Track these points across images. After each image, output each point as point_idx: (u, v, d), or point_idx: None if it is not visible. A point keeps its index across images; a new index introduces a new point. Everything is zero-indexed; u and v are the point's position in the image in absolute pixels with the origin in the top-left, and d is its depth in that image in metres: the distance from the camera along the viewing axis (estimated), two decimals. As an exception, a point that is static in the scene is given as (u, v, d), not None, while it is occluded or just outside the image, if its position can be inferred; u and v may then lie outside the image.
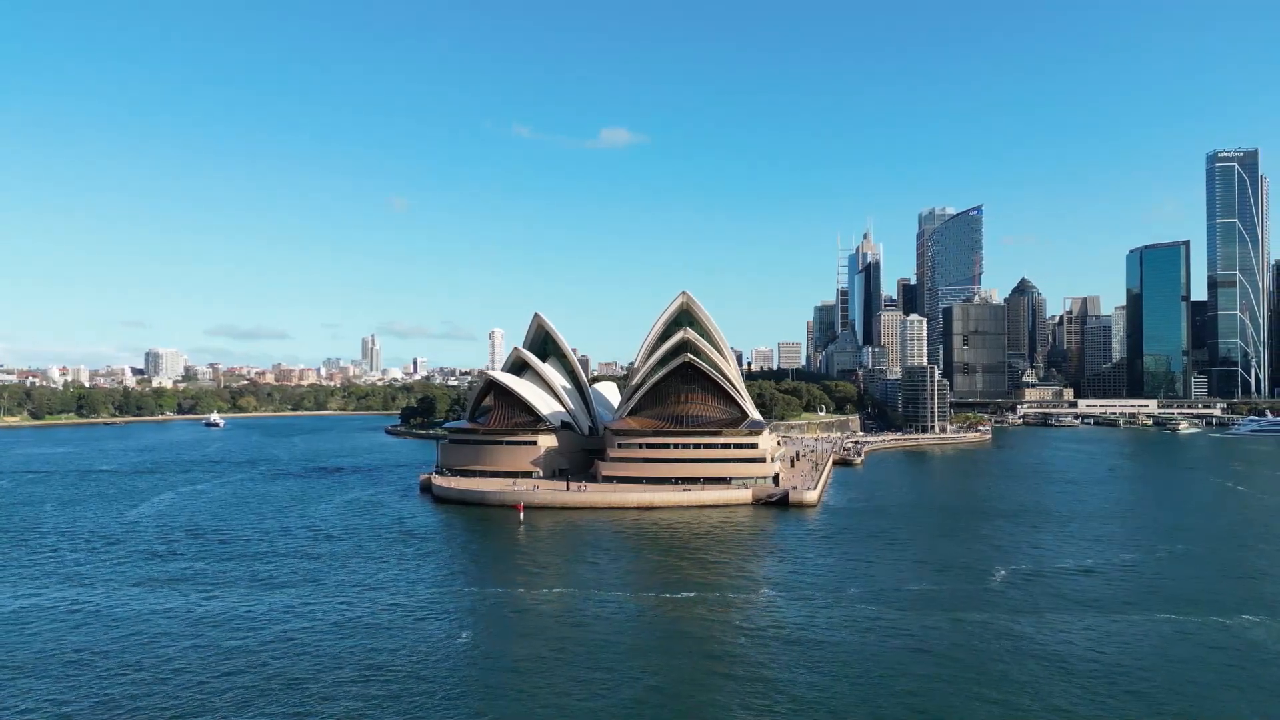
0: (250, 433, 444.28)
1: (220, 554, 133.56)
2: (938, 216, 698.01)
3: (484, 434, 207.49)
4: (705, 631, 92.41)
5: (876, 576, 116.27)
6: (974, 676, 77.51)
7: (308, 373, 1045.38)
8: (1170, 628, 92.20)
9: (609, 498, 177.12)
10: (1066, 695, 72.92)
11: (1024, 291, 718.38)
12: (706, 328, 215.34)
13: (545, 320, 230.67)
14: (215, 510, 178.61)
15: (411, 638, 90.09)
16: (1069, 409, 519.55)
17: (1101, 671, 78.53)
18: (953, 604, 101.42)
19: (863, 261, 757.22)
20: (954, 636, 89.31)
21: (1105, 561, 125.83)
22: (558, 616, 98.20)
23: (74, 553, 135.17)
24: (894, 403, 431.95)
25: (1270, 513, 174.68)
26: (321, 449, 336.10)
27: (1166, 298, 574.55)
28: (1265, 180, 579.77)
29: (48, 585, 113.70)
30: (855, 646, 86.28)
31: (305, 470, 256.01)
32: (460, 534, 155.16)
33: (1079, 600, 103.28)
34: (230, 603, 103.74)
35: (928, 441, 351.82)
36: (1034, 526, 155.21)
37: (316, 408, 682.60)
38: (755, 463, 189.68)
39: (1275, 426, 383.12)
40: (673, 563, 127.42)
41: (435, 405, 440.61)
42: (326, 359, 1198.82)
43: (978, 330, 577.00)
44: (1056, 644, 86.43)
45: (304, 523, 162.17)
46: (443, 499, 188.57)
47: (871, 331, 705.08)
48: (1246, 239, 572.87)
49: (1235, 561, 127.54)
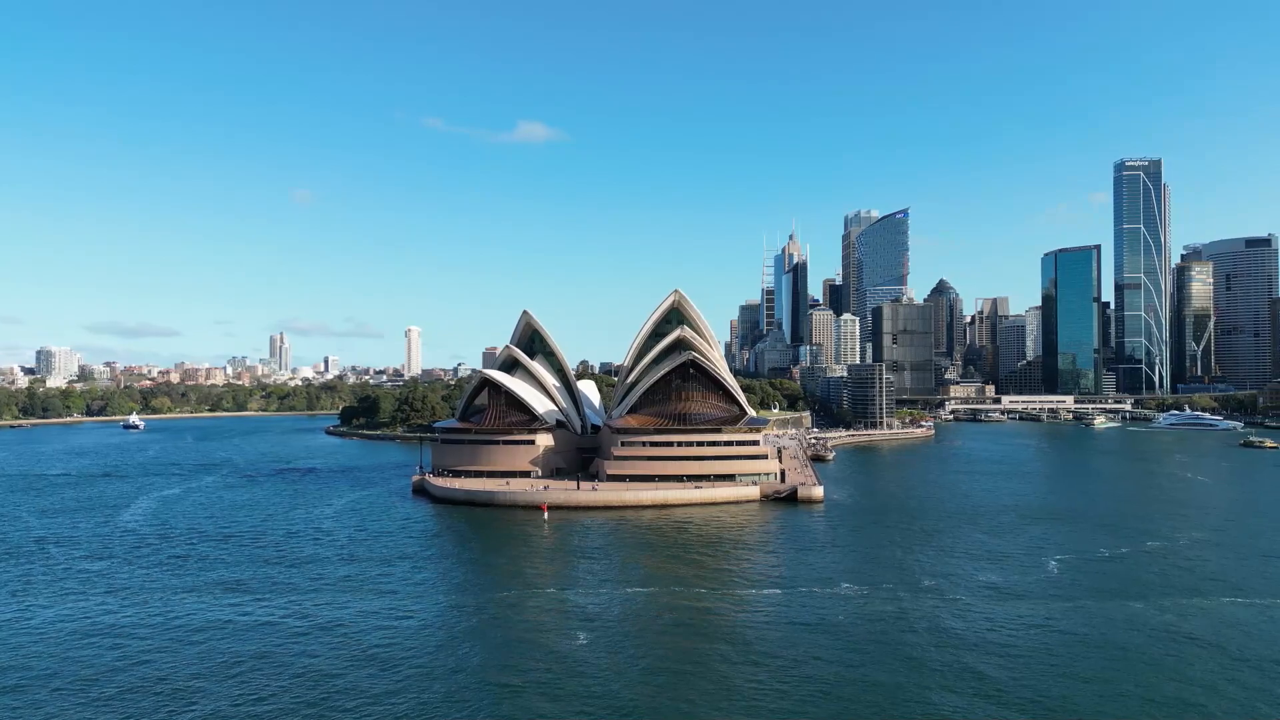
0: (178, 435, 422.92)
1: (256, 558, 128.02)
2: (864, 219, 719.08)
3: (480, 434, 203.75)
4: (785, 628, 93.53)
5: (936, 567, 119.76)
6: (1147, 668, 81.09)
7: (214, 372, 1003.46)
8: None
9: (623, 496, 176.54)
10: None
11: (942, 292, 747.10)
12: (699, 326, 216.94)
13: (533, 318, 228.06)
14: (214, 514, 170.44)
15: (502, 641, 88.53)
16: (994, 405, 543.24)
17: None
18: (1053, 591, 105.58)
19: (789, 262, 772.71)
20: (1089, 626, 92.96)
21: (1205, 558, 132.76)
22: (626, 616, 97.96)
23: (97, 561, 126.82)
24: (837, 400, 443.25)
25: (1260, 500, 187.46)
26: (274, 451, 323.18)
27: (1079, 299, 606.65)
28: (1168, 189, 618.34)
29: (87, 596, 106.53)
30: (981, 638, 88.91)
31: (274, 473, 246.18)
32: (482, 537, 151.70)
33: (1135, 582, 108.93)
34: (303, 608, 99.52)
35: (879, 437, 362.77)
36: (1044, 520, 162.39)
37: (236, 408, 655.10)
38: (759, 459, 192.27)
39: (1192, 420, 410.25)
40: (715, 561, 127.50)
41: (379, 405, 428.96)
42: (232, 358, 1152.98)
43: (906, 329, 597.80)
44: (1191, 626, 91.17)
45: (314, 526, 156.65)
46: (444, 500, 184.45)
47: (800, 330, 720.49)
48: (1151, 244, 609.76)
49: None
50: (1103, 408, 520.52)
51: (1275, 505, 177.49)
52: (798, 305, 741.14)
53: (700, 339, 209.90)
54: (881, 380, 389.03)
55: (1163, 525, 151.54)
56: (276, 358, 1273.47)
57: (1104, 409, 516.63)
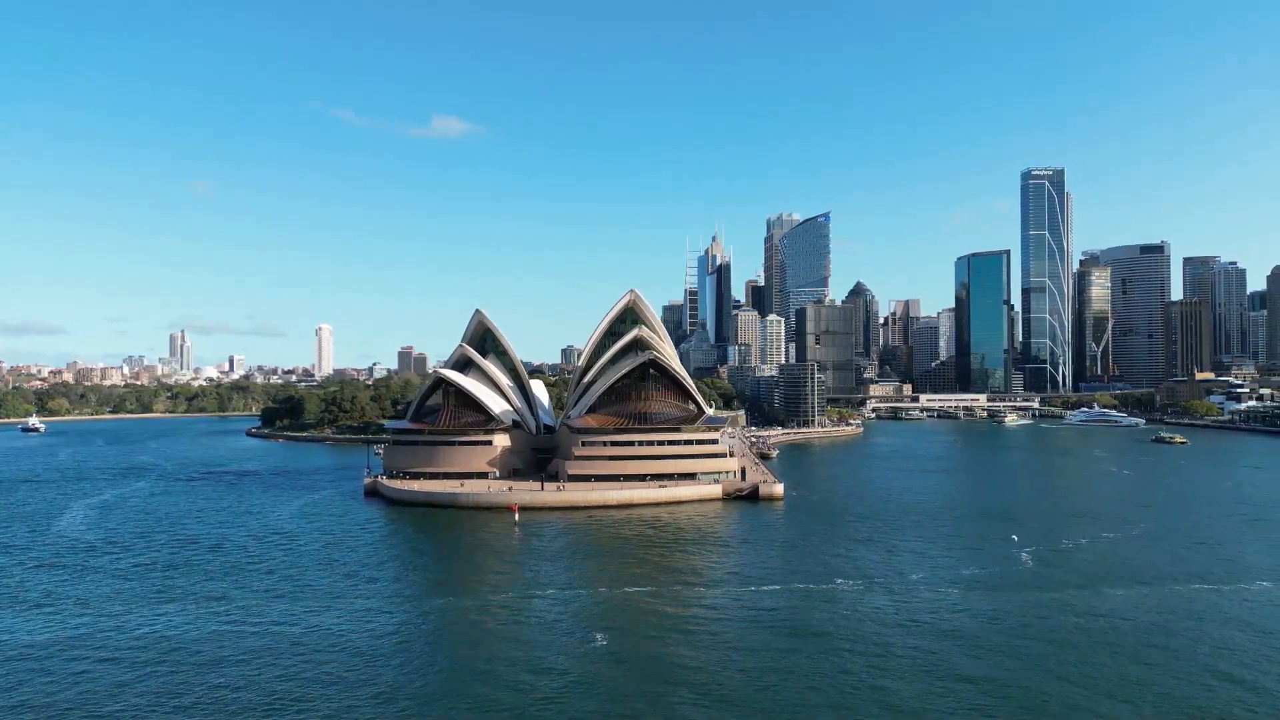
0: (86, 439, 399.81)
1: (228, 565, 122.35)
2: (786, 221, 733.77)
3: (436, 434, 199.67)
4: (791, 621, 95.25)
5: (920, 563, 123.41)
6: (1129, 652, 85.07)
7: (110, 372, 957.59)
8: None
9: (590, 496, 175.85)
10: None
11: (859, 294, 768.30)
12: (655, 326, 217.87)
13: (486, 316, 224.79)
14: (164, 521, 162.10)
15: (499, 646, 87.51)
16: (914, 404, 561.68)
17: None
18: (1014, 584, 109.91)
19: (712, 264, 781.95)
20: (1029, 616, 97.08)
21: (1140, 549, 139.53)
22: (615, 616, 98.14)
23: (34, 572, 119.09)
24: (767, 399, 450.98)
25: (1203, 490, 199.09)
26: (199, 455, 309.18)
27: (990, 301, 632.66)
28: (1070, 197, 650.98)
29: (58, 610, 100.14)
30: (965, 630, 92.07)
31: (209, 476, 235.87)
32: (454, 540, 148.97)
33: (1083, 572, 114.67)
34: (295, 614, 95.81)
35: (814, 435, 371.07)
36: (982, 518, 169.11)
37: (141, 410, 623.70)
38: (718, 458, 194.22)
39: (1100, 418, 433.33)
40: (691, 560, 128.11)
41: (304, 406, 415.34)
42: (128, 357, 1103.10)
43: (828, 330, 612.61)
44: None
45: (277, 531, 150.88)
46: (400, 502, 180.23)
47: (724, 330, 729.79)
48: (1055, 250, 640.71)
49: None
50: (1014, 406, 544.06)
51: (1205, 496, 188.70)
52: (721, 306, 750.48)
53: (657, 338, 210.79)
54: (814, 379, 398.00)
55: (1113, 517, 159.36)
56: (178, 357, 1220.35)
57: (1015, 407, 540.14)
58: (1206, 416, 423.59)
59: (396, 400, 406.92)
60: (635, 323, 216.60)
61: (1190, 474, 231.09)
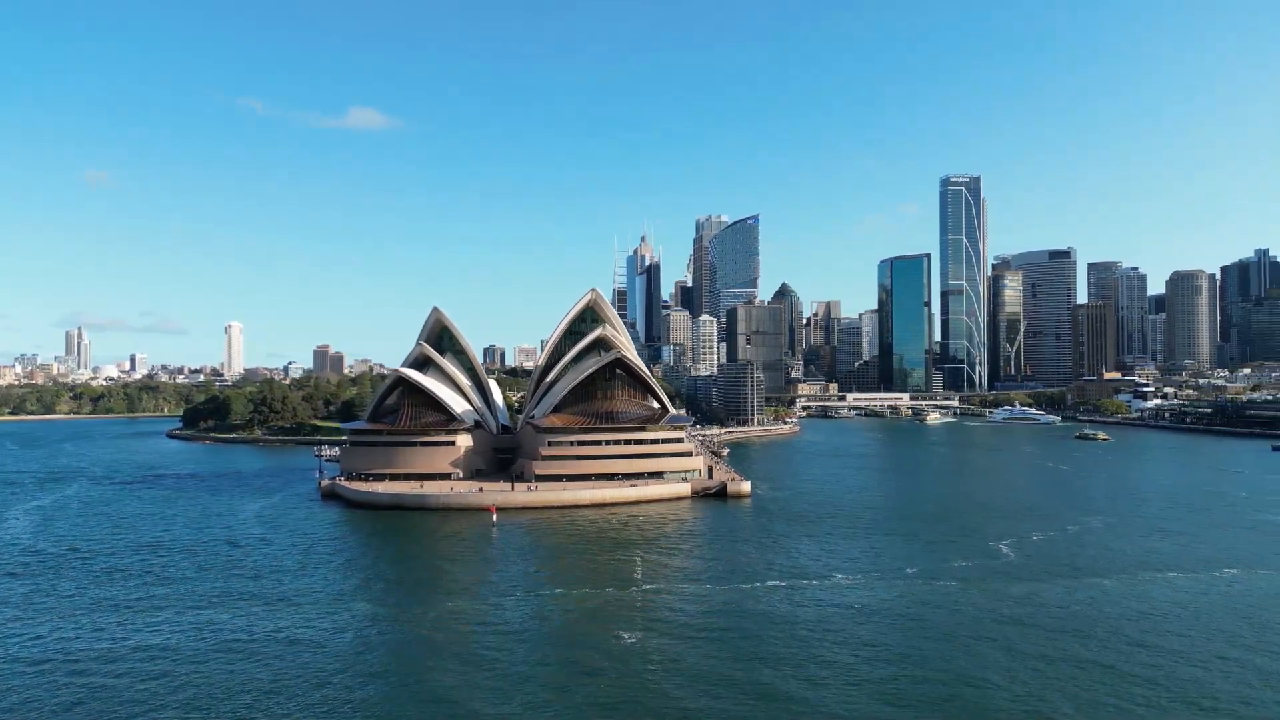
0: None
1: (208, 568, 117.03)
2: (715, 223, 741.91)
3: (396, 435, 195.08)
4: (789, 615, 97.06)
5: (885, 555, 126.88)
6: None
7: (4, 370, 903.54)
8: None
9: (562, 496, 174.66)
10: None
11: (785, 295, 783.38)
12: (616, 324, 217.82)
13: (444, 315, 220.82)
14: (117, 527, 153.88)
15: (499, 654, 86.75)
16: (842, 403, 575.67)
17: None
18: (986, 574, 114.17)
19: (641, 264, 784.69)
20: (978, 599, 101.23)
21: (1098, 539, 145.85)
22: (615, 615, 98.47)
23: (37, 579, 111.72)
24: (706, 398, 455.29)
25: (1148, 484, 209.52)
26: (125, 458, 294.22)
27: (911, 303, 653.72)
28: (985, 203, 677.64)
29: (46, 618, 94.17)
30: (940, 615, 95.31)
31: (146, 480, 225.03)
32: (431, 542, 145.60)
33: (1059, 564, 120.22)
34: (296, 622, 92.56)
35: (754, 434, 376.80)
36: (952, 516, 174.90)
37: (43, 411, 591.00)
38: (684, 457, 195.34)
39: (1020, 416, 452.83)
40: (691, 560, 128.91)
41: (230, 406, 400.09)
42: (20, 355, 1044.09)
43: (759, 330, 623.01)
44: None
45: (230, 536, 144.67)
46: (363, 505, 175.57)
47: (654, 330, 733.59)
48: (971, 254, 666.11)
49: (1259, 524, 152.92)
50: (936, 404, 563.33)
51: (1144, 489, 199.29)
52: (651, 306, 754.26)
53: (621, 338, 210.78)
54: (753, 379, 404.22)
55: (1066, 511, 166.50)
56: (75, 355, 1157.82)
57: (937, 405, 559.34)
58: (1117, 414, 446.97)
59: (329, 400, 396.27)
60: (596, 321, 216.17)
61: (1121, 469, 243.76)
